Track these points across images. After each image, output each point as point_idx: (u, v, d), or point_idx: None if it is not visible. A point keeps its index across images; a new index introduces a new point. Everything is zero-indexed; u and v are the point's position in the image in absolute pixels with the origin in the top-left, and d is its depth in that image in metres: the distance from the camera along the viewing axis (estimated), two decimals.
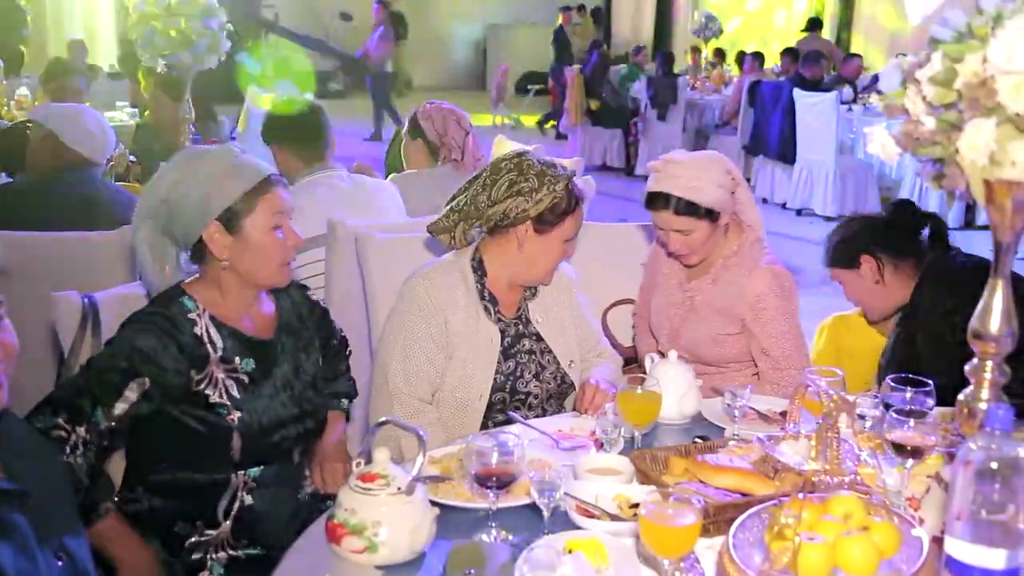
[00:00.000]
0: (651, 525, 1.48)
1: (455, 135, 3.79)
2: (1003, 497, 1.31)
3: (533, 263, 2.47)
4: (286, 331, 2.23)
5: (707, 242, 2.67)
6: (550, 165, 2.43)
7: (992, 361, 1.51)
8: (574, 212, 2.44)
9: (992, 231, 1.46)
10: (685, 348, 2.72)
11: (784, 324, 2.64)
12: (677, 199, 2.59)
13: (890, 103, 1.45)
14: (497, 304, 2.50)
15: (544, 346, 2.54)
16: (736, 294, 2.67)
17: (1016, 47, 1.26)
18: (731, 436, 2.13)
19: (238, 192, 2.06)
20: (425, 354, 2.42)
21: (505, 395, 2.47)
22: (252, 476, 2.12)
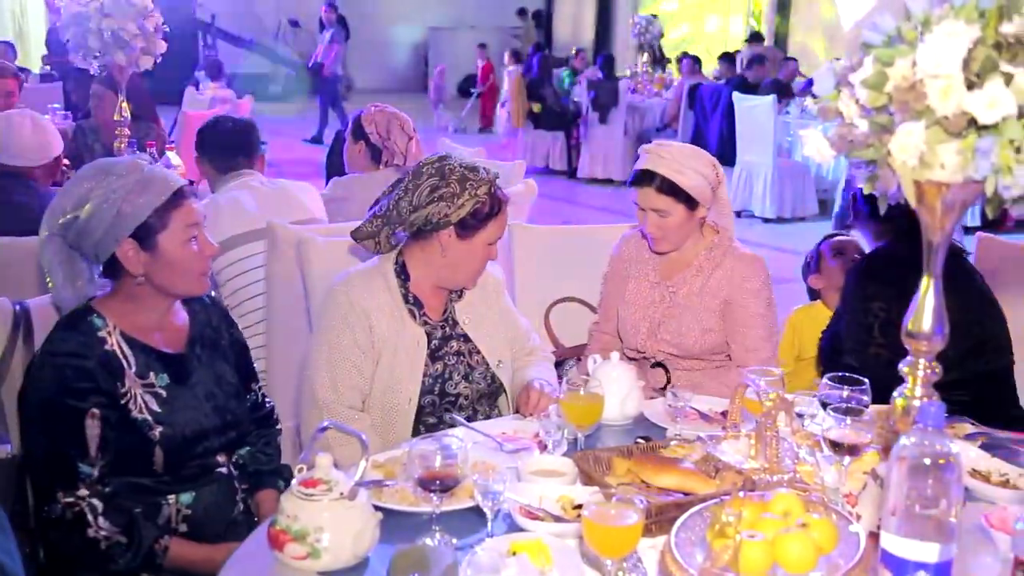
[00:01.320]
0: (594, 526, 1.49)
1: (398, 139, 3.77)
2: (935, 492, 1.34)
3: (457, 268, 2.45)
4: (200, 342, 2.21)
5: (680, 230, 2.71)
6: (472, 169, 2.41)
7: (924, 359, 1.54)
8: (497, 216, 2.42)
9: (923, 231, 1.49)
10: (669, 342, 2.76)
11: (764, 307, 2.73)
12: (661, 178, 2.66)
13: (824, 106, 1.48)
14: (422, 307, 2.49)
15: (472, 347, 2.53)
16: (724, 277, 2.73)
17: (943, 51, 1.29)
18: (673, 436, 2.15)
19: (149, 208, 2.02)
20: (351, 362, 2.40)
21: (435, 398, 2.46)
22: (184, 503, 2.10)
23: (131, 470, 2.05)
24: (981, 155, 1.29)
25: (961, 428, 2.22)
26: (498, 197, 2.42)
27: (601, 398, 2.10)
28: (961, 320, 2.61)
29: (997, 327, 2.70)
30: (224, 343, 2.28)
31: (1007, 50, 1.30)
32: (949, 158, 1.33)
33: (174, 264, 2.06)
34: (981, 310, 2.69)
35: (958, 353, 2.60)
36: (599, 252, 3.09)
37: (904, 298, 2.52)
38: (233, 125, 3.61)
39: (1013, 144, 1.29)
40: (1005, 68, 1.28)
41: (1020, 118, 1.29)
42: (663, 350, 2.77)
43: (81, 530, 1.94)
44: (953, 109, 1.30)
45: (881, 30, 1.41)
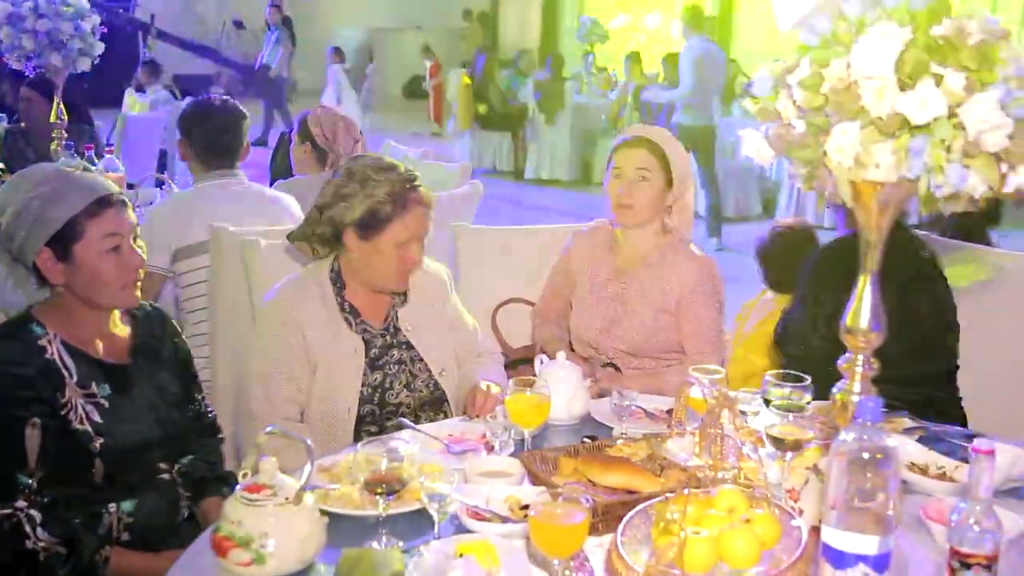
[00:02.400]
0: (540, 525, 1.50)
1: (343, 141, 3.75)
2: (874, 486, 1.36)
3: (373, 271, 2.41)
4: (143, 352, 2.17)
5: (650, 206, 2.74)
6: (380, 169, 2.37)
7: (863, 355, 1.57)
8: (402, 216, 2.35)
9: (859, 230, 1.52)
10: (622, 340, 2.77)
11: (713, 311, 2.75)
12: (653, 143, 2.76)
13: (763, 107, 1.50)
14: (359, 315, 2.44)
15: (415, 354, 2.49)
16: (675, 277, 2.74)
17: (877, 53, 1.32)
18: (619, 435, 2.17)
19: (64, 218, 1.99)
20: (286, 375, 2.36)
21: (374, 407, 2.42)
22: (126, 511, 2.07)
23: (70, 480, 2.01)
24: (914, 155, 1.32)
25: (899, 423, 2.26)
26: (404, 196, 2.35)
27: (547, 398, 2.10)
28: (920, 319, 2.68)
29: (953, 328, 2.75)
30: (167, 353, 2.24)
31: (937, 52, 1.33)
32: (883, 158, 1.35)
33: (92, 275, 2.02)
34: (941, 311, 2.74)
35: (915, 350, 2.66)
36: (546, 253, 3.11)
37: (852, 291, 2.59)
38: (223, 122, 3.47)
39: (944, 144, 1.32)
40: (936, 69, 1.31)
41: (951, 118, 1.32)
42: (615, 347, 2.78)
43: (19, 541, 1.90)
44: (887, 110, 1.33)
45: (817, 32, 1.44)
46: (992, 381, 2.78)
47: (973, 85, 1.30)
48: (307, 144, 3.80)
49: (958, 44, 1.30)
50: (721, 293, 2.77)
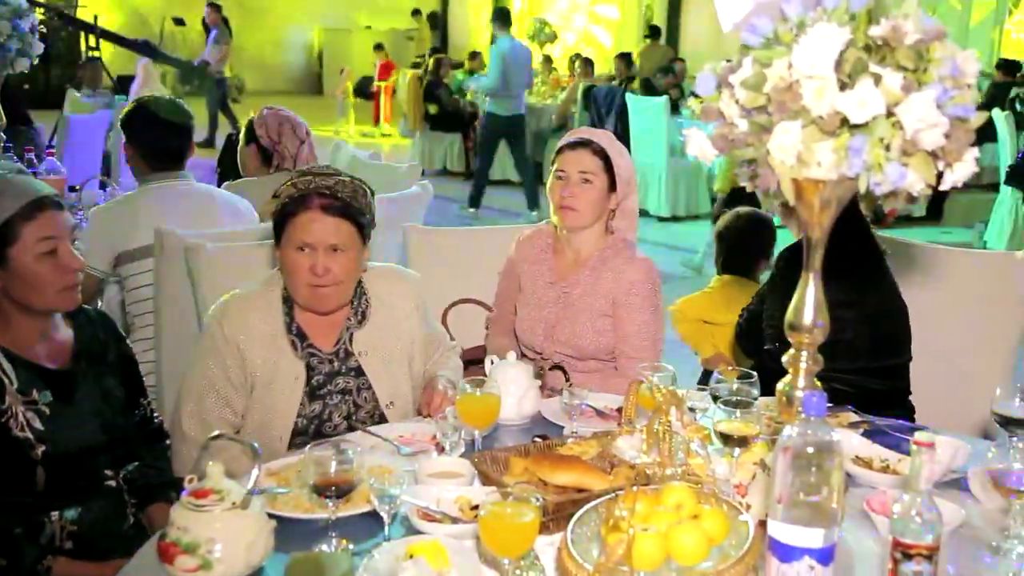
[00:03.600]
0: (490, 525, 1.49)
1: (289, 143, 3.71)
2: (818, 479, 1.38)
3: (288, 283, 2.28)
4: (86, 357, 2.14)
5: (594, 208, 2.74)
6: (301, 173, 2.30)
7: (807, 351, 1.59)
8: (296, 216, 2.22)
9: (802, 228, 1.54)
10: (565, 343, 2.77)
11: (649, 315, 2.74)
12: (599, 145, 2.76)
13: (706, 106, 1.51)
14: (307, 338, 2.30)
15: (364, 382, 2.35)
16: (613, 279, 2.74)
17: (817, 53, 1.33)
18: (569, 434, 2.17)
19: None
20: (220, 396, 2.26)
21: (308, 439, 2.23)
22: (69, 519, 2.03)
23: (10, 489, 1.97)
24: (854, 153, 1.34)
25: (844, 417, 2.30)
26: (304, 199, 2.21)
27: (497, 398, 2.10)
28: (877, 313, 2.73)
29: (905, 322, 2.80)
30: (111, 357, 2.21)
31: (876, 52, 1.35)
32: (824, 156, 1.37)
33: (28, 278, 1.99)
34: (894, 306, 2.79)
35: (874, 344, 2.71)
36: (496, 253, 3.10)
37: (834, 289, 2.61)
38: (167, 123, 3.41)
39: (883, 142, 1.34)
40: (874, 69, 1.33)
41: (889, 117, 1.34)
42: (559, 351, 2.78)
43: None
44: (827, 109, 1.34)
45: (759, 32, 1.45)
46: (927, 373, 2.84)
47: (910, 84, 1.32)
48: (253, 145, 3.76)
49: (895, 44, 1.33)
50: (657, 296, 2.76)
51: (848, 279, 2.69)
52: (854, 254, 2.74)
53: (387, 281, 2.45)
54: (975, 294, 2.93)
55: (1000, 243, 7.56)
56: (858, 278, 2.71)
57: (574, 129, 2.91)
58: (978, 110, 1.38)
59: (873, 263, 2.77)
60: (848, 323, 2.66)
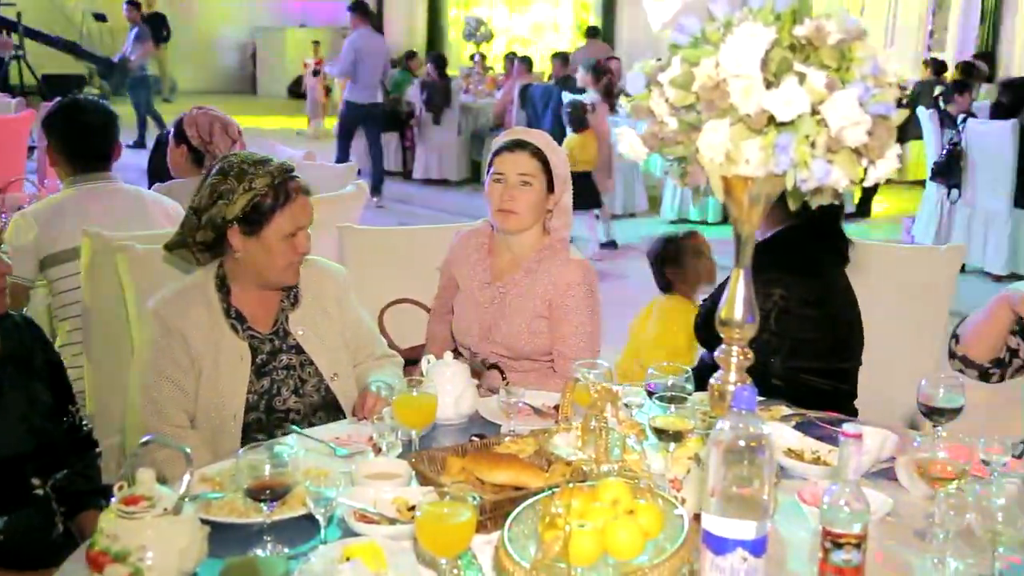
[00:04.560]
0: (427, 525, 1.49)
1: (220, 142, 3.66)
2: (750, 472, 1.40)
3: (263, 267, 2.37)
4: (12, 363, 2.09)
5: (533, 210, 2.73)
6: (256, 163, 2.35)
7: (737, 346, 1.61)
8: (285, 207, 2.34)
9: (732, 224, 1.56)
10: (501, 344, 2.76)
11: (585, 315, 2.73)
12: (535, 146, 2.74)
13: (637, 105, 1.53)
14: (246, 321, 2.41)
15: (305, 359, 2.46)
16: (549, 281, 2.73)
17: (743, 52, 1.36)
18: (507, 432, 2.17)
19: None
20: (172, 382, 2.33)
21: (261, 415, 2.38)
22: None
23: None
24: (780, 150, 1.37)
25: (777, 410, 2.34)
26: (285, 187, 2.34)
27: (434, 398, 2.10)
28: (838, 315, 2.78)
29: (860, 326, 2.86)
30: (38, 363, 2.16)
31: (800, 51, 1.38)
32: (752, 154, 1.39)
33: None
34: (852, 309, 2.84)
35: (833, 345, 2.76)
36: (433, 253, 3.10)
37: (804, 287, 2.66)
38: (91, 123, 3.34)
39: (808, 139, 1.37)
40: (799, 68, 1.36)
41: (814, 115, 1.36)
42: (495, 351, 2.77)
43: None
44: (754, 107, 1.37)
45: (688, 32, 1.47)
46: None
47: (834, 83, 1.35)
48: (183, 146, 3.70)
49: (818, 44, 1.35)
50: (594, 298, 2.77)
51: (817, 279, 2.74)
52: (824, 255, 2.80)
53: (311, 271, 2.53)
54: (902, 287, 3.01)
55: (927, 237, 7.75)
56: (826, 279, 2.77)
57: (509, 130, 2.90)
58: (905, 108, 1.41)
59: (839, 265, 2.83)
60: (812, 322, 2.72)
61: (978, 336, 2.37)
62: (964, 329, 2.42)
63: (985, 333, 2.36)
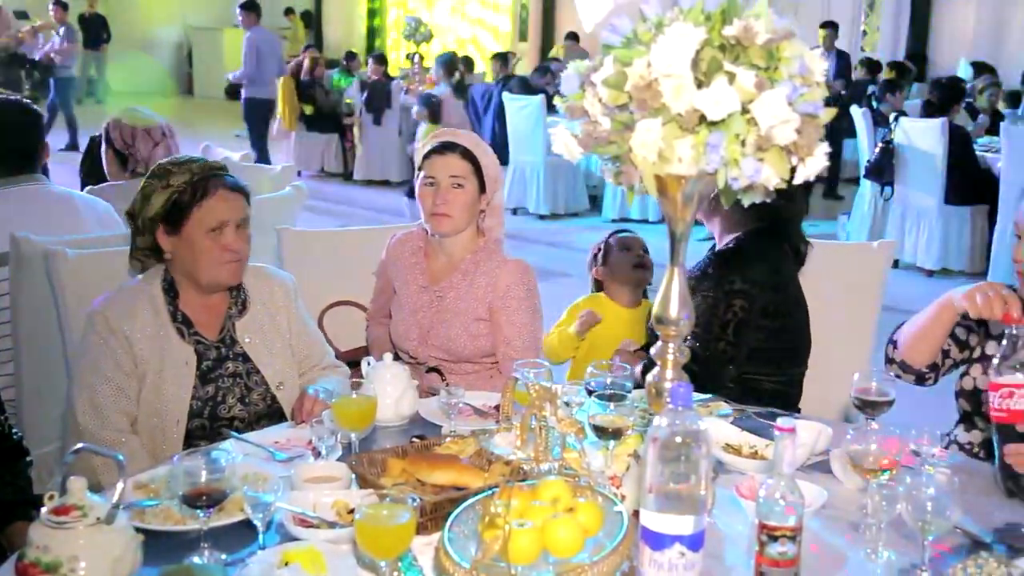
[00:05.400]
0: (366, 527, 1.49)
1: (141, 145, 3.62)
2: (687, 468, 1.42)
3: (194, 266, 2.36)
4: None
5: (466, 211, 2.72)
6: (180, 163, 2.36)
7: (673, 343, 1.63)
8: (202, 201, 2.33)
9: (666, 223, 1.58)
10: (440, 348, 2.75)
11: (527, 316, 2.74)
12: (464, 148, 2.73)
13: (571, 104, 1.53)
14: (193, 326, 2.40)
15: (252, 367, 2.45)
16: (488, 284, 2.73)
17: (674, 52, 1.37)
18: (448, 433, 2.17)
19: None
20: (115, 386, 2.31)
21: (205, 421, 2.38)
22: None
23: None
24: (711, 149, 1.38)
25: (716, 406, 2.37)
26: (205, 183, 2.32)
27: (373, 400, 2.09)
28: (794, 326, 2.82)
29: (808, 332, 2.89)
30: None
31: (730, 51, 1.40)
32: (685, 152, 1.41)
33: None
34: (804, 317, 2.88)
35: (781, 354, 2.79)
36: (372, 254, 3.08)
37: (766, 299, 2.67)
38: (16, 123, 3.26)
39: (739, 138, 1.39)
40: (729, 68, 1.38)
41: (744, 114, 1.38)
42: (434, 356, 2.77)
43: None
44: (685, 106, 1.38)
45: (620, 32, 1.48)
46: None
47: (763, 83, 1.37)
48: (110, 150, 3.66)
49: (747, 43, 1.37)
50: (535, 297, 2.77)
51: (780, 292, 2.77)
52: (785, 263, 2.83)
53: (259, 279, 2.54)
54: (836, 283, 3.06)
55: (861, 234, 7.90)
56: (788, 290, 2.81)
57: (437, 132, 2.88)
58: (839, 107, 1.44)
59: (796, 269, 2.86)
60: (770, 332, 2.75)
61: (917, 341, 2.34)
62: (902, 335, 2.40)
63: (925, 337, 2.33)
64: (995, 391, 1.86)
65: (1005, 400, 1.85)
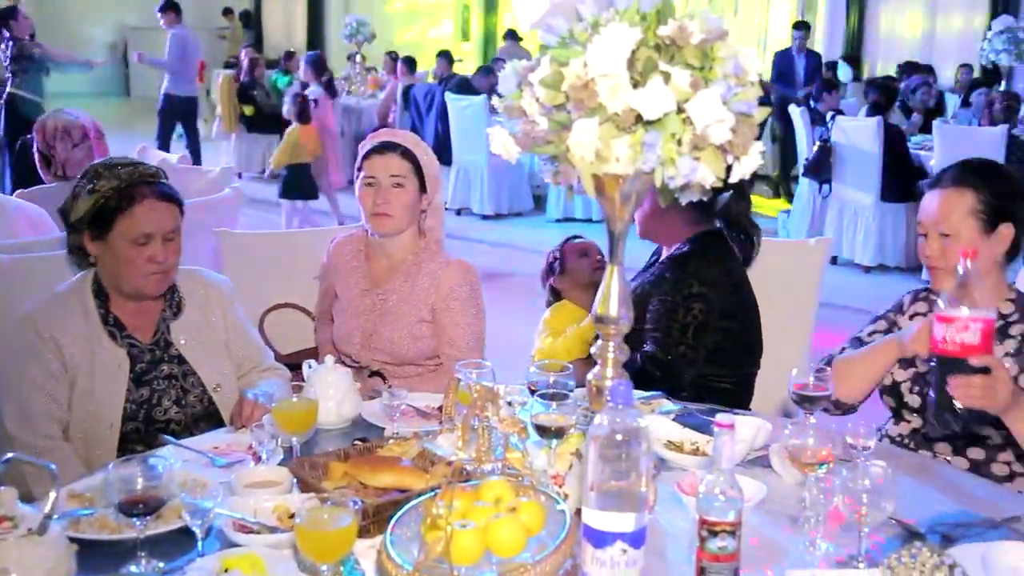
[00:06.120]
0: (306, 532, 1.47)
1: (60, 147, 3.57)
2: (627, 465, 1.43)
3: (118, 274, 2.33)
4: None
5: (408, 211, 2.70)
6: (110, 166, 2.31)
7: (613, 341, 1.64)
8: (128, 210, 2.28)
9: (605, 222, 1.58)
10: (383, 351, 2.73)
11: (472, 316, 2.72)
12: (404, 148, 2.71)
13: (509, 105, 1.53)
14: (125, 328, 2.37)
15: (188, 369, 2.42)
16: (430, 286, 2.71)
17: (610, 52, 1.38)
18: (391, 435, 2.16)
19: None
20: (44, 392, 2.28)
21: (139, 424, 2.34)
22: None
23: None
24: (648, 148, 1.39)
25: (657, 403, 2.38)
26: (132, 191, 2.28)
27: (314, 403, 2.07)
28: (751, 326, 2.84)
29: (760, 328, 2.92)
30: None
31: (665, 51, 1.41)
32: (622, 152, 1.41)
33: None
34: (757, 314, 2.91)
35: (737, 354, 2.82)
36: (315, 256, 3.05)
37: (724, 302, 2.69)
38: None
39: (675, 137, 1.40)
40: (664, 67, 1.39)
41: (679, 113, 1.39)
42: (377, 359, 2.74)
43: None
44: (622, 106, 1.39)
45: (556, 32, 1.48)
46: None
47: (698, 82, 1.38)
48: (38, 152, 3.61)
49: (682, 43, 1.38)
50: (479, 297, 2.76)
51: (736, 295, 2.80)
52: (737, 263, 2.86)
53: (194, 281, 2.51)
54: (775, 279, 3.10)
55: (801, 231, 8.02)
56: (743, 291, 2.84)
57: (376, 132, 2.86)
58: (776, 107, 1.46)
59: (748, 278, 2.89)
60: (727, 333, 2.77)
61: (860, 382, 2.32)
62: (838, 376, 2.21)
63: (868, 379, 2.32)
64: (948, 323, 1.87)
65: (961, 333, 1.86)
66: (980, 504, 1.90)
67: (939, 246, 2.24)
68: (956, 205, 2.23)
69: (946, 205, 2.25)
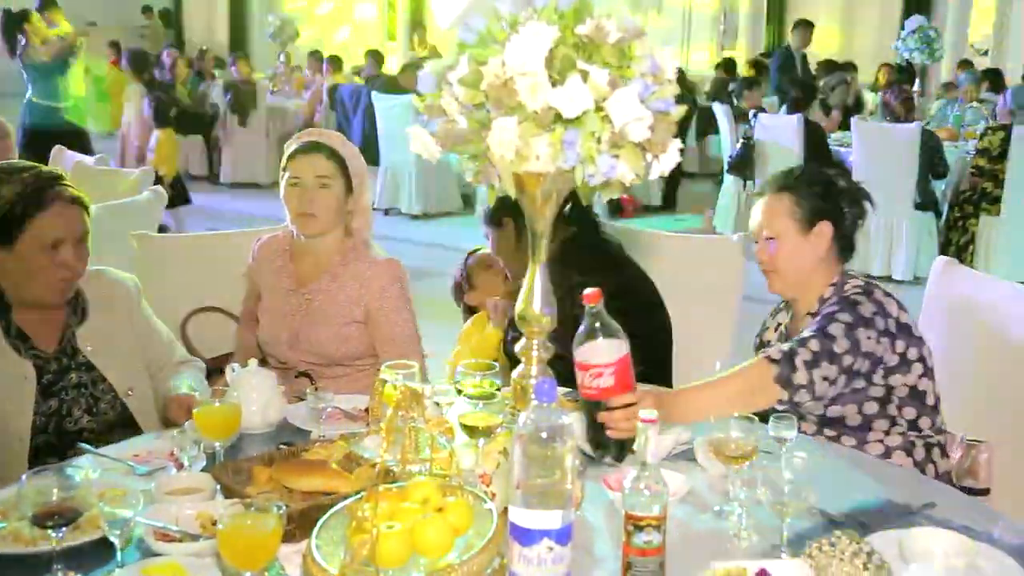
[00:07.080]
0: (229, 537, 1.45)
1: None
2: (552, 463, 1.43)
3: (26, 283, 2.26)
4: None
5: (334, 213, 2.67)
6: (13, 171, 2.25)
7: (537, 340, 1.64)
8: (36, 217, 2.22)
9: (526, 221, 1.59)
10: (310, 351, 2.70)
11: (406, 313, 2.72)
12: (331, 148, 2.69)
13: (429, 104, 1.53)
14: (28, 340, 2.30)
15: (97, 375, 2.37)
16: (359, 286, 2.68)
17: (528, 51, 1.38)
18: (316, 438, 2.14)
19: None
20: None
21: (51, 437, 2.28)
22: None
23: None
24: (568, 146, 1.40)
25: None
26: (39, 196, 2.21)
27: (237, 407, 2.04)
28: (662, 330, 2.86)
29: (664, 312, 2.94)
30: None
31: (583, 49, 1.41)
32: (542, 150, 1.42)
33: None
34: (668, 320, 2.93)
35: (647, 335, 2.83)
36: (237, 258, 3.01)
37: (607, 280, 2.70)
38: None
39: (594, 135, 1.41)
40: (582, 66, 1.39)
41: (598, 111, 1.40)
42: (304, 360, 2.72)
43: None
44: (541, 104, 1.39)
45: (475, 30, 1.48)
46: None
47: (615, 81, 1.39)
48: None
49: (599, 42, 1.39)
50: (408, 292, 2.76)
51: (622, 274, 2.82)
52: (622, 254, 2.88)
53: (98, 283, 2.45)
54: (698, 275, 3.14)
55: (726, 227, 8.15)
56: (629, 271, 2.85)
57: (302, 132, 2.83)
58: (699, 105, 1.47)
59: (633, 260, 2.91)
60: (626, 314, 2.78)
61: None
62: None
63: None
64: (584, 371, 1.86)
65: (596, 380, 1.86)
66: (899, 492, 1.95)
67: (767, 250, 2.39)
68: (776, 210, 2.38)
69: (768, 211, 2.40)
